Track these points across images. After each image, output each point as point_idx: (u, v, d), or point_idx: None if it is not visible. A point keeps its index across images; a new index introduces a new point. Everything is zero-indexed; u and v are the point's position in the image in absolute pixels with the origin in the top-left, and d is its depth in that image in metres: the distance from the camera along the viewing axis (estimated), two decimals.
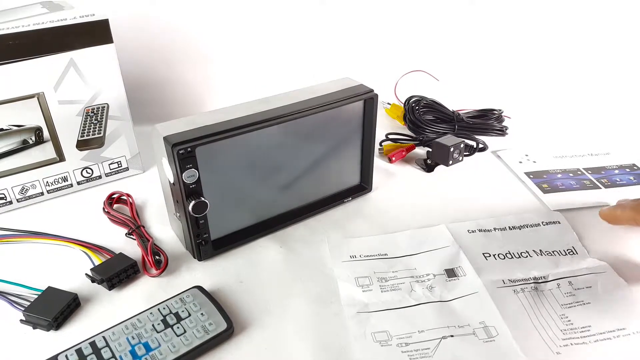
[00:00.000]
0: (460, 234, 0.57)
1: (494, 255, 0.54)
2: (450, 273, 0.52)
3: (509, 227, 0.58)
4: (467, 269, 0.52)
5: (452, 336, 0.45)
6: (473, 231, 0.58)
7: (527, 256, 0.54)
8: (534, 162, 0.73)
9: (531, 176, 0.70)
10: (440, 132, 0.77)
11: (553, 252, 0.55)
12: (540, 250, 0.55)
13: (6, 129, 0.60)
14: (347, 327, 0.46)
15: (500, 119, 0.82)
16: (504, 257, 0.54)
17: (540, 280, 0.50)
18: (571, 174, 0.70)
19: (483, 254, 0.54)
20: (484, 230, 0.58)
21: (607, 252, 0.54)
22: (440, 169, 0.72)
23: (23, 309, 0.47)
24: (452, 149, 0.69)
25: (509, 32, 0.96)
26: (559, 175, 0.70)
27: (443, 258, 0.54)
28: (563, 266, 0.52)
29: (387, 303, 0.48)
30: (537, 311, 0.47)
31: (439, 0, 0.93)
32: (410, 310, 0.48)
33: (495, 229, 0.58)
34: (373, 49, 0.94)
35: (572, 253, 0.55)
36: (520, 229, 0.58)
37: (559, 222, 0.59)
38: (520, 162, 0.73)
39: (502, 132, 0.81)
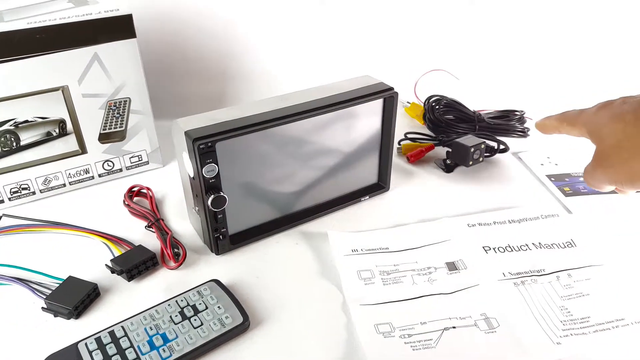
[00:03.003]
0: (460, 227, 0.58)
1: (493, 249, 0.55)
2: (451, 266, 0.52)
3: (509, 221, 0.59)
4: (468, 262, 0.53)
5: (454, 327, 0.46)
6: (473, 225, 0.58)
7: (526, 249, 0.55)
8: (556, 164, 0.72)
9: (553, 179, 0.69)
10: (461, 132, 0.76)
11: (552, 244, 0.55)
12: (540, 243, 0.55)
13: (31, 121, 0.61)
14: (351, 321, 0.46)
15: (522, 120, 0.81)
16: (504, 251, 0.54)
17: (539, 274, 0.51)
18: None
19: (483, 247, 0.55)
20: (484, 224, 0.58)
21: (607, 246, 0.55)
22: (459, 169, 0.71)
23: (45, 297, 0.48)
24: (472, 150, 0.68)
25: (532, 33, 0.95)
26: (582, 179, 0.68)
27: (444, 251, 0.54)
28: (561, 259, 0.53)
29: (389, 296, 0.49)
30: (537, 302, 0.48)
31: None
32: (413, 303, 0.48)
33: (495, 222, 0.59)
34: (394, 47, 0.94)
35: (570, 246, 0.55)
36: (519, 223, 0.59)
37: (558, 215, 0.60)
38: (542, 164, 0.72)
39: (523, 133, 0.79)
